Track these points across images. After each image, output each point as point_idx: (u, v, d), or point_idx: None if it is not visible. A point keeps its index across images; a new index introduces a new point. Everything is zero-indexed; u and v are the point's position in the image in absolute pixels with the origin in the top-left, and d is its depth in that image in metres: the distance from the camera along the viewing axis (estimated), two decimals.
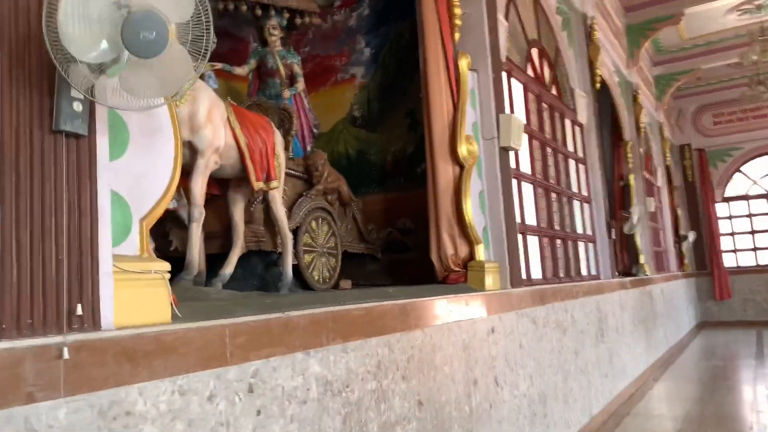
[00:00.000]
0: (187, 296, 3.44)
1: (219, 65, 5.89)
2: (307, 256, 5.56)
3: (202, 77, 5.49)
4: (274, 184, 4.45)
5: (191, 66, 2.24)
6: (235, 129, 3.99)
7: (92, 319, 2.16)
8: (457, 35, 6.09)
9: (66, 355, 1.90)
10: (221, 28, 7.23)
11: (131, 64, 2.09)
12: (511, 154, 6.59)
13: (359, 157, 7.33)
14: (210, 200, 4.63)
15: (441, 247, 5.79)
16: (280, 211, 4.62)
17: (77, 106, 2.13)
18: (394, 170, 7.04)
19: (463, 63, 6.07)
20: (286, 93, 6.00)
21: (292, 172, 5.66)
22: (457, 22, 5.96)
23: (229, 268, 4.52)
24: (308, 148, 6.38)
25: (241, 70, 6.14)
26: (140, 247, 2.62)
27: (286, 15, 6.07)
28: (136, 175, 2.64)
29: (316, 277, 5.65)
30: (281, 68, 6.04)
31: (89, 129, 2.26)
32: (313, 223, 5.72)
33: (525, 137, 6.97)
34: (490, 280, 5.76)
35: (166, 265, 2.66)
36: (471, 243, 5.83)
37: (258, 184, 4.20)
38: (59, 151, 2.10)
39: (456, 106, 5.94)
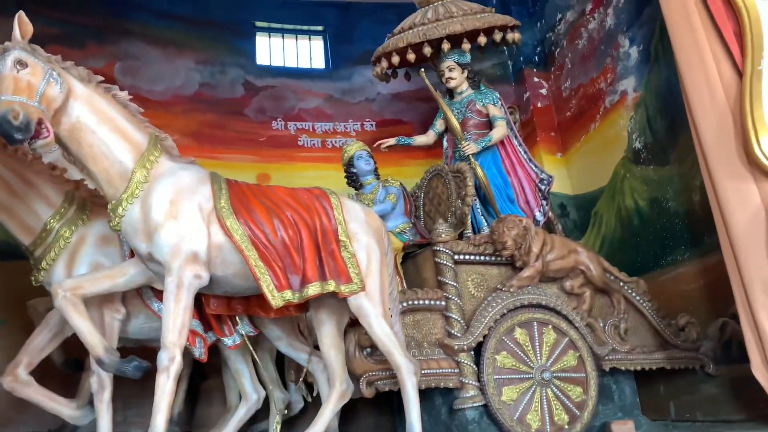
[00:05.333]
0: None
1: (391, 141, 4.75)
2: (508, 391, 3.47)
3: (350, 160, 4.46)
4: (343, 288, 2.85)
5: None
6: (225, 220, 2.69)
7: None
8: None
9: None
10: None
11: None
12: None
13: (653, 209, 4.81)
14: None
15: (765, 346, 2.86)
16: (375, 327, 2.98)
17: None
18: (710, 217, 4.18)
19: None
20: (470, 147, 4.35)
21: (469, 257, 3.82)
22: None
23: (316, 428, 2.99)
24: (537, 216, 4.37)
25: (424, 139, 4.87)
26: None
27: (446, 46, 4.48)
28: None
29: (536, 425, 3.44)
30: (452, 119, 4.44)
31: None
32: (519, 333, 3.68)
33: None
34: None
35: None
36: None
37: (280, 297, 2.74)
38: None
39: (742, 69, 3.14)
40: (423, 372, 3.32)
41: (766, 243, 2.91)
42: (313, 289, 2.79)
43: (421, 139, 4.83)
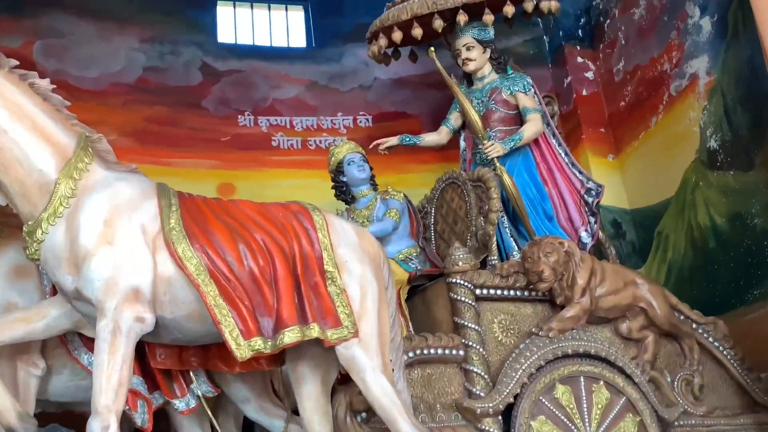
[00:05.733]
0: None
1: (393, 140, 4.84)
2: None
3: (339, 165, 4.52)
4: (330, 333, 2.86)
5: None
6: (175, 245, 2.71)
7: None
8: None
9: None
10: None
11: None
12: None
13: (735, 227, 4.95)
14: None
15: None
16: (372, 385, 2.98)
17: None
18: None
19: None
20: (495, 149, 4.45)
21: (495, 292, 3.90)
22: None
23: None
24: (582, 237, 4.44)
25: (435, 138, 5.03)
26: None
27: (462, 19, 4.53)
28: None
29: None
30: (471, 112, 4.52)
31: None
32: (561, 391, 3.78)
33: None
34: None
35: None
36: None
37: (247, 346, 2.75)
38: None
39: None
40: None
41: None
42: (290, 336, 2.79)
43: (430, 138, 4.93)
